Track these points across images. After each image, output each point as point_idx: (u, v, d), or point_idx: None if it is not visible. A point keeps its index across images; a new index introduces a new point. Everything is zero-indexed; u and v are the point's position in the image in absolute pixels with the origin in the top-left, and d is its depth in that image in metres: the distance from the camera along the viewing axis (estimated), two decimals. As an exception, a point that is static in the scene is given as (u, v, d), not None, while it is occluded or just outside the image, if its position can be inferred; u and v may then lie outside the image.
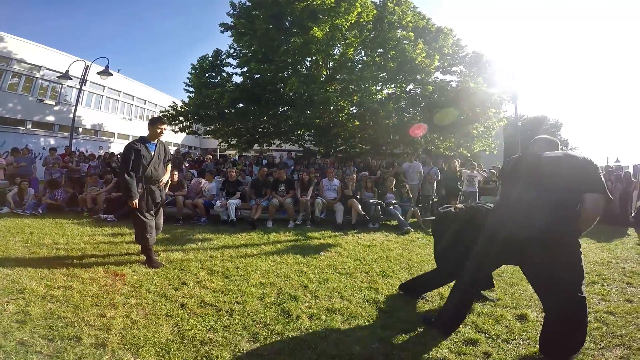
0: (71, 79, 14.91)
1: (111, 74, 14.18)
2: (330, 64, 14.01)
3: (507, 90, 14.39)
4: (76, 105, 14.93)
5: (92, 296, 3.10)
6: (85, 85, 16.98)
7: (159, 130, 4.13)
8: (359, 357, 2.29)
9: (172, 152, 6.12)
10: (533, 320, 2.85)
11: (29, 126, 19.14)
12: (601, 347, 2.46)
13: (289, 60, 13.17)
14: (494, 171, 10.05)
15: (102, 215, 6.92)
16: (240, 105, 14.40)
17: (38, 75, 19.20)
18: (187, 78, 15.18)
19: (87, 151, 16.47)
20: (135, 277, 3.63)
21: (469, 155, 14.10)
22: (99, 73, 13.71)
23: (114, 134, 24.98)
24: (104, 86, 23.01)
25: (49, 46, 19.66)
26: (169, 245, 5.04)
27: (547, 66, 73.33)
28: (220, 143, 18.00)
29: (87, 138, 22.63)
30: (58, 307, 2.83)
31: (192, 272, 3.84)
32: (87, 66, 14.76)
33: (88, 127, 22.79)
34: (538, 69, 67.20)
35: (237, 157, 14.21)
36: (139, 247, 4.91)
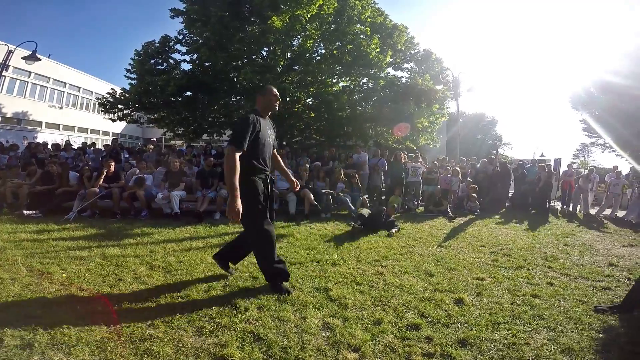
0: (-10, 63, 13.14)
1: (39, 59, 12.75)
2: (289, 54, 13.80)
3: (450, 88, 15.29)
4: (-6, 93, 13.20)
5: (14, 296, 2.80)
6: (6, 70, 15.01)
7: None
8: (309, 346, 2.28)
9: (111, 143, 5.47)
10: (469, 304, 3.04)
11: (-64, 114, 16.58)
12: (529, 329, 2.64)
13: (245, 49, 12.77)
14: (437, 163, 10.72)
15: (25, 211, 6.18)
16: (188, 93, 13.70)
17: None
18: (129, 64, 14.11)
19: (7, 142, 14.58)
20: (64, 275, 3.31)
21: (415, 148, 14.78)
22: (24, 58, 12.27)
23: (41, 123, 22.50)
24: (30, 72, 20.60)
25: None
26: (103, 241, 4.64)
27: (486, 67, 79.32)
28: (165, 132, 16.98)
29: (8, 127, 20.13)
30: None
31: (130, 268, 3.57)
32: (10, 50, 13.03)
33: (9, 115, 20.27)
34: (479, 70, 72.41)
35: (184, 148, 13.53)
36: (67, 243, 4.48)
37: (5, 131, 19.44)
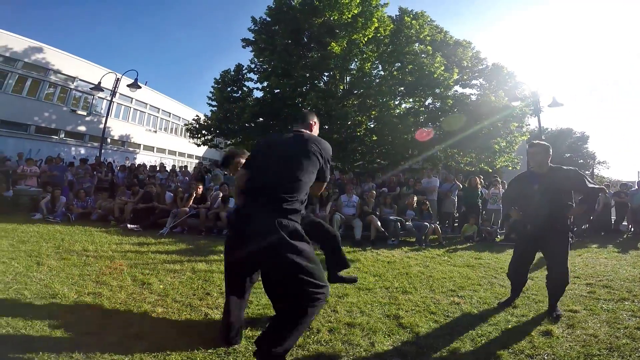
0: (103, 90, 14.93)
1: (140, 87, 14.11)
2: (348, 78, 14.15)
3: (529, 103, 14.15)
4: (107, 117, 15.37)
5: (120, 303, 3.21)
6: (115, 96, 17.53)
7: None
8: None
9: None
10: (558, 335, 2.79)
11: (62, 135, 19.93)
12: (630, 362, 2.39)
13: (307, 75, 13.39)
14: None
15: (128, 225, 7.20)
16: (261, 119, 14.70)
17: (72, 86, 19.96)
18: (210, 92, 15.63)
19: (114, 161, 17.06)
20: (161, 287, 3.74)
21: (490, 170, 13.83)
22: (128, 86, 13.71)
23: (139, 145, 25.77)
24: (132, 98, 23.66)
25: (82, 57, 20.53)
26: (192, 256, 5.18)
27: (572, 76, 71.52)
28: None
29: (115, 149, 23.45)
30: (88, 313, 2.95)
31: (216, 283, 3.93)
32: (118, 78, 14.88)
33: (116, 137, 23.58)
34: (561, 81, 65.61)
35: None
36: (162, 256, 5.05)
37: (112, 152, 22.72)
